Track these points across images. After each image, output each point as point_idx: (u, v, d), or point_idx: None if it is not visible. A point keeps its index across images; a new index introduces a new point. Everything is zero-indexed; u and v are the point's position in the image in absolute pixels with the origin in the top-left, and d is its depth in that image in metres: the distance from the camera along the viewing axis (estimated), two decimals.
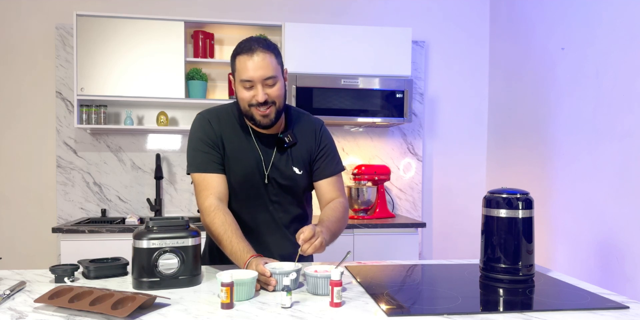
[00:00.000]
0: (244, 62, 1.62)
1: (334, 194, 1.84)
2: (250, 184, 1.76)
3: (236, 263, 1.59)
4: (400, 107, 3.41)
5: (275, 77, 1.64)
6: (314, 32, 3.37)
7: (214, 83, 3.65)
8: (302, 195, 1.86)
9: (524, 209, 1.61)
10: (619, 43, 2.58)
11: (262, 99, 1.63)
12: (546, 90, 3.18)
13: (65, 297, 1.26)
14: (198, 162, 1.73)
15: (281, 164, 1.77)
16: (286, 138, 1.77)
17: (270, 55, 1.63)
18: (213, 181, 1.71)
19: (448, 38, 3.94)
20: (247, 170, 1.75)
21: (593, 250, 2.71)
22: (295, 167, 1.79)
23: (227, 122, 1.77)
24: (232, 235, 1.60)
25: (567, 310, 1.30)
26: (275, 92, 1.65)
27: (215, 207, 1.66)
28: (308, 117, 1.89)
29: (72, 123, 3.49)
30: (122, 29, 3.22)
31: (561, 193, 3.00)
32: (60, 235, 2.95)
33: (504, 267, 1.60)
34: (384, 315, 1.24)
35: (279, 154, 1.78)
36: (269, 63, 1.62)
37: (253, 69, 1.61)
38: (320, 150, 1.83)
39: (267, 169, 1.76)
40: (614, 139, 2.58)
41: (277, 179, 1.77)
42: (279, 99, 1.67)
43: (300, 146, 1.81)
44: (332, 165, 1.85)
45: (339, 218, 1.75)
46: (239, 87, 1.66)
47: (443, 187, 3.95)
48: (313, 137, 1.84)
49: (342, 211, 1.79)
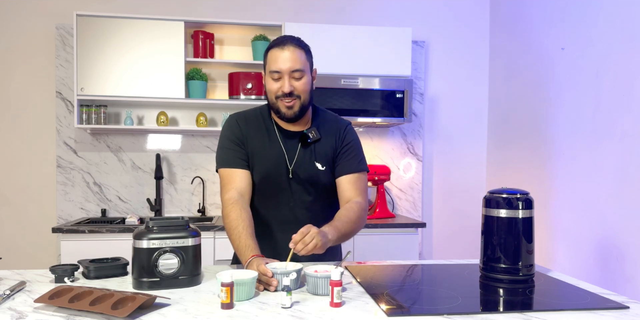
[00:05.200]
0: (274, 54, 1.70)
1: (353, 193, 1.82)
2: (274, 179, 1.79)
3: (240, 259, 1.60)
4: (400, 107, 3.41)
5: (302, 70, 1.71)
6: (313, 32, 3.36)
7: (214, 83, 3.65)
8: (325, 193, 1.86)
9: (524, 209, 1.60)
10: (618, 43, 2.57)
11: (288, 90, 1.69)
12: (546, 90, 3.18)
13: (65, 297, 1.25)
14: (224, 158, 1.80)
15: (305, 159, 1.81)
16: (310, 134, 1.81)
17: (301, 51, 1.72)
18: (236, 176, 1.77)
19: (448, 38, 3.94)
20: (270, 165, 1.79)
21: (593, 250, 2.70)
22: (318, 163, 1.81)
23: (254, 121, 1.84)
24: (242, 231, 1.63)
25: (567, 310, 1.30)
26: (301, 86, 1.72)
27: (234, 201, 1.71)
28: (335, 117, 1.92)
29: (72, 123, 3.49)
30: (122, 29, 3.22)
31: (561, 193, 3.00)
32: (60, 235, 2.96)
33: (504, 267, 1.60)
34: (384, 315, 1.24)
35: (303, 150, 1.81)
36: (298, 57, 1.70)
37: (282, 60, 1.69)
38: (343, 146, 1.84)
39: (292, 164, 1.80)
40: (614, 139, 2.57)
41: (300, 174, 1.80)
42: (304, 93, 1.73)
43: (325, 143, 1.83)
44: (354, 163, 1.84)
45: (353, 219, 1.73)
46: (268, 78, 1.74)
47: (443, 187, 3.95)
48: (338, 134, 1.86)
49: (358, 212, 1.77)
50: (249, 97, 3.43)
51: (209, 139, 3.65)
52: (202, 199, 3.63)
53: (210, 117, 3.60)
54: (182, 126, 3.58)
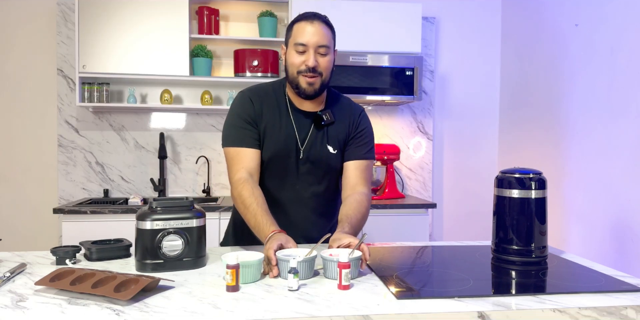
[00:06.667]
0: (302, 27, 1.68)
1: (358, 181, 1.80)
2: (282, 159, 1.76)
3: (258, 236, 1.58)
4: (410, 84, 3.36)
5: (328, 47, 1.69)
6: (321, 7, 3.24)
7: (219, 60, 3.60)
8: (333, 177, 1.84)
9: (537, 189, 1.57)
10: (633, 19, 2.52)
11: (312, 64, 1.66)
12: (559, 67, 3.14)
13: (67, 280, 1.24)
14: (234, 137, 1.75)
15: (317, 141, 1.78)
16: (324, 116, 1.77)
17: (328, 29, 1.71)
18: (246, 156, 1.72)
19: (459, 14, 3.87)
20: (280, 145, 1.75)
21: (608, 231, 2.69)
22: (330, 146, 1.78)
23: (267, 99, 1.78)
24: (257, 208, 1.60)
25: (581, 292, 1.28)
26: (325, 62, 1.69)
27: (244, 180, 1.67)
28: (349, 101, 1.90)
29: (73, 101, 3.45)
30: (125, 4, 3.17)
31: (575, 172, 2.97)
32: (62, 216, 2.94)
33: (517, 248, 1.57)
34: (393, 298, 1.22)
35: (315, 131, 1.78)
36: (326, 33, 1.69)
37: (311, 34, 1.66)
38: (357, 132, 1.82)
39: (303, 145, 1.76)
40: (629, 117, 2.54)
41: (310, 157, 1.77)
42: (326, 71, 1.71)
43: (338, 127, 1.80)
44: (364, 150, 1.82)
45: (365, 214, 1.74)
46: (292, 51, 1.70)
47: (454, 167, 3.92)
48: (352, 120, 1.83)
49: (367, 206, 1.76)
50: (255, 75, 3.38)
51: (214, 117, 3.61)
52: (207, 179, 3.60)
53: (215, 95, 3.56)
54: (186, 104, 3.54)
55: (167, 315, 1.10)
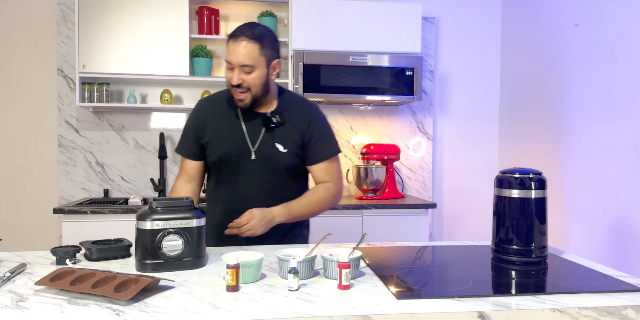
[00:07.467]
0: (229, 46, 1.77)
1: (325, 178, 1.91)
2: (233, 160, 1.85)
3: None
4: (410, 84, 3.36)
5: (251, 66, 1.75)
6: (321, 7, 3.29)
7: (219, 60, 3.60)
8: (286, 175, 1.90)
9: (536, 189, 1.57)
10: (633, 19, 2.52)
11: (236, 82, 1.76)
12: (559, 67, 3.13)
13: (67, 280, 1.25)
14: (180, 145, 1.95)
15: (267, 141, 1.85)
16: (273, 118, 1.85)
17: (254, 45, 1.74)
18: (186, 164, 1.94)
19: (459, 15, 3.86)
20: (229, 146, 1.85)
21: (608, 231, 2.68)
22: (280, 144, 1.85)
23: (219, 106, 1.91)
24: None
25: (581, 292, 1.28)
26: (251, 80, 1.76)
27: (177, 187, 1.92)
28: (302, 100, 1.96)
29: (73, 101, 3.45)
30: (125, 4, 3.17)
31: (575, 172, 2.96)
32: (62, 216, 2.93)
33: (517, 248, 1.58)
34: (393, 298, 1.23)
35: (267, 133, 1.86)
36: (249, 52, 1.73)
37: (234, 53, 1.75)
38: (312, 135, 1.89)
39: (254, 145, 1.85)
40: (629, 117, 2.53)
41: (261, 156, 1.85)
42: (254, 87, 1.78)
43: (291, 127, 1.87)
44: (324, 150, 1.91)
45: (313, 201, 1.86)
46: (225, 67, 1.82)
47: (454, 167, 3.91)
48: (306, 121, 1.89)
49: (323, 193, 1.87)
50: None
51: None
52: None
53: None
54: (186, 104, 3.54)
55: (167, 315, 1.10)
